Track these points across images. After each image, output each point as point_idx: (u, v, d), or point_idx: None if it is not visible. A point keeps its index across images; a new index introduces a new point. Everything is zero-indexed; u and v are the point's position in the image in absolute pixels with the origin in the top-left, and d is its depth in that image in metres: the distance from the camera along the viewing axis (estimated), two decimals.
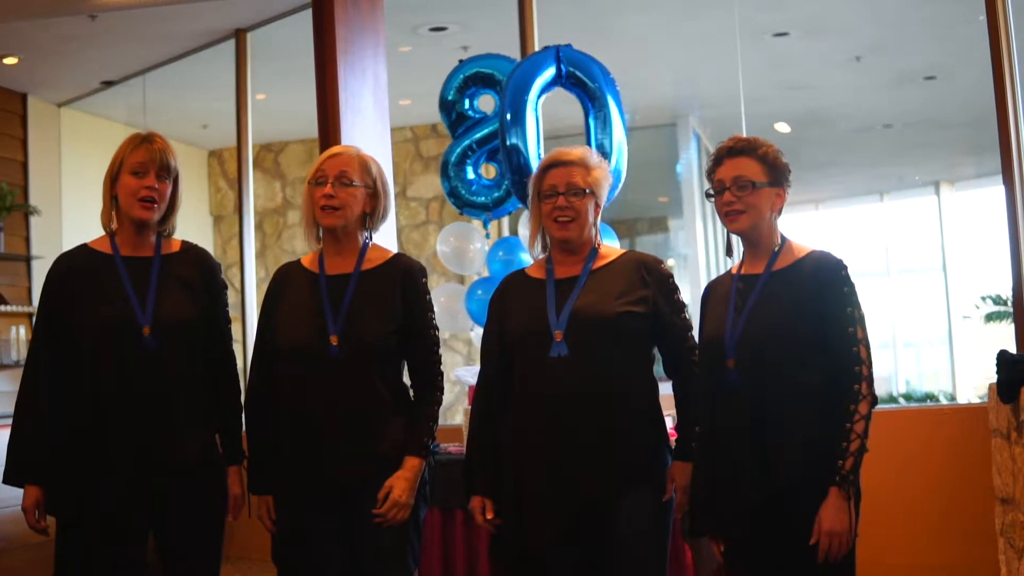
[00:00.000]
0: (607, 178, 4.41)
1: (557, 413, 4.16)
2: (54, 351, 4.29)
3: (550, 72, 6.82)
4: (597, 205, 4.37)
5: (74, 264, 4.37)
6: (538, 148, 6.68)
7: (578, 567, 4.21)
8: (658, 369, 4.39)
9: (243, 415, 4.59)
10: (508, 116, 6.69)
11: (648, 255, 4.42)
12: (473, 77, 7.35)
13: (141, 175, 4.31)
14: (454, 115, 7.41)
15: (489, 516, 4.34)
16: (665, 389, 4.37)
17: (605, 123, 6.77)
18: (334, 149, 4.51)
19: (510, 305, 4.43)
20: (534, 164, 6.27)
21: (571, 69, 6.79)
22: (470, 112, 7.40)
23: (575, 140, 6.10)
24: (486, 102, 7.52)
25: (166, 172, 4.37)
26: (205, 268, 4.55)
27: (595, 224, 4.39)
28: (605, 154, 6.64)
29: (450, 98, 7.38)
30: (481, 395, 4.48)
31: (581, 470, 4.13)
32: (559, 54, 6.81)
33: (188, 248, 4.56)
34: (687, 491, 4.22)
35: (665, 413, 4.34)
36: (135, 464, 4.20)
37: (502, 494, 4.30)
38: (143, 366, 4.25)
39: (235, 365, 4.66)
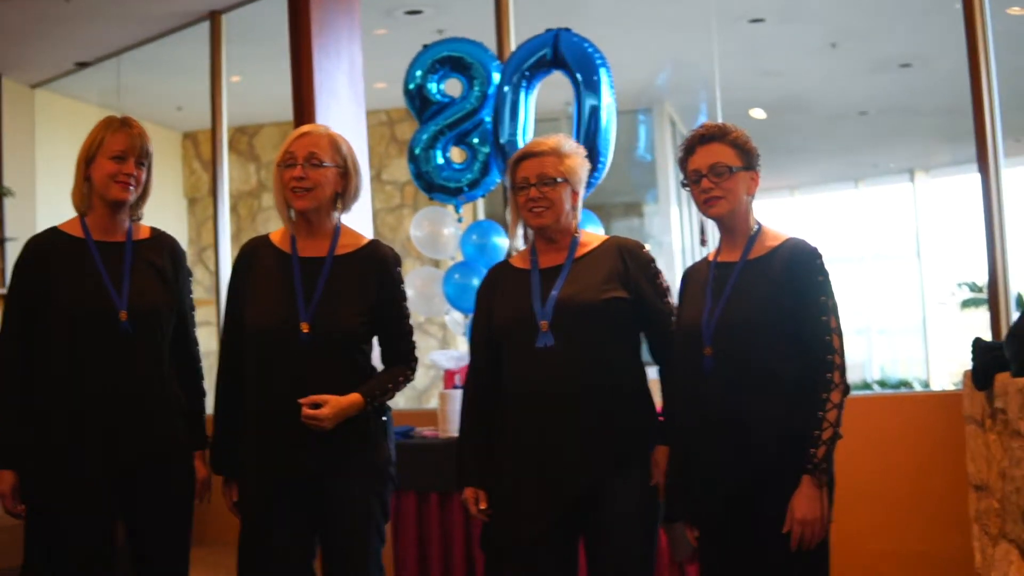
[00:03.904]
0: (583, 164, 4.39)
1: (545, 403, 4.17)
2: (26, 334, 4.26)
3: (544, 54, 6.92)
4: (574, 192, 4.35)
5: (47, 247, 4.34)
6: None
7: (569, 553, 4.26)
8: (645, 355, 4.40)
9: (206, 399, 4.62)
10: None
11: (630, 240, 4.43)
12: (442, 60, 7.36)
13: (121, 161, 4.29)
14: (419, 99, 7.42)
15: (482, 506, 4.34)
16: (652, 373, 4.38)
17: (593, 110, 6.81)
18: (302, 129, 4.44)
19: (496, 296, 4.42)
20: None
21: (563, 52, 6.85)
22: (437, 96, 7.41)
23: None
24: (453, 86, 7.53)
25: (145, 158, 4.38)
26: (175, 255, 4.54)
27: (574, 210, 4.38)
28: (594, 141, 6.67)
29: (416, 82, 7.40)
30: (471, 386, 4.48)
31: (570, 459, 4.15)
32: (557, 37, 6.88)
33: (158, 235, 4.55)
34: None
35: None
36: (107, 448, 4.20)
37: (493, 484, 4.31)
38: (119, 351, 4.25)
39: (198, 351, 4.66)
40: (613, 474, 4.16)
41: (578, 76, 6.77)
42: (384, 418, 4.40)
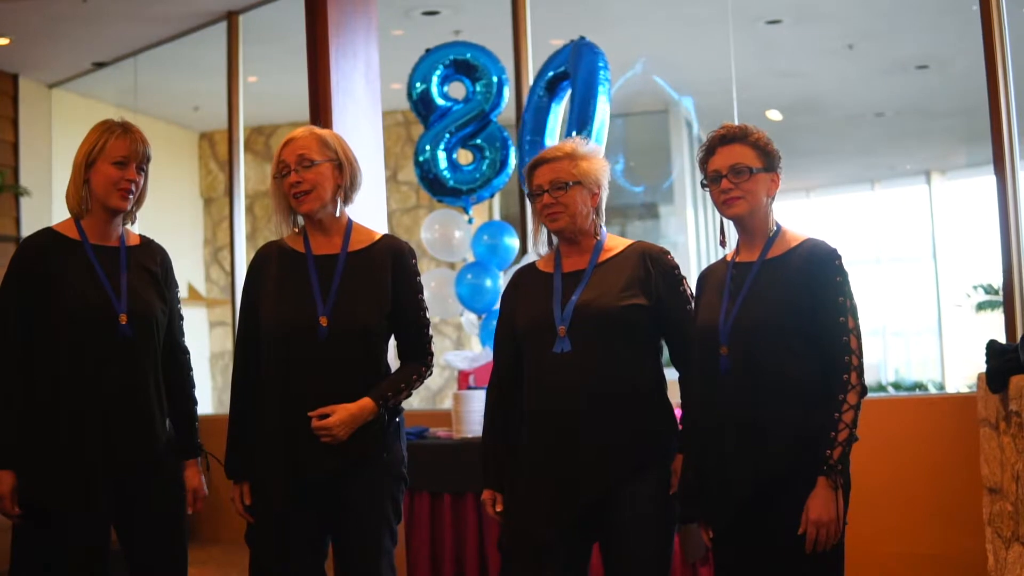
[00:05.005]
0: (601, 166, 4.37)
1: (562, 409, 4.17)
2: (24, 334, 4.24)
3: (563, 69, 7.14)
4: (594, 194, 4.34)
5: (43, 248, 4.33)
6: None
7: (582, 556, 4.27)
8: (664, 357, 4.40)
9: (197, 407, 4.61)
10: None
11: (654, 246, 4.40)
12: (446, 63, 7.42)
13: (123, 167, 4.30)
14: (423, 104, 7.48)
15: (499, 509, 4.35)
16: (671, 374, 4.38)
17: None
18: (287, 136, 4.47)
19: (520, 299, 4.43)
20: None
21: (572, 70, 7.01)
22: (440, 99, 7.45)
23: None
24: (456, 89, 7.57)
25: (145, 164, 4.38)
26: (165, 262, 4.56)
27: (595, 213, 4.37)
28: None
29: (419, 87, 7.45)
30: (493, 387, 4.49)
31: (585, 464, 4.14)
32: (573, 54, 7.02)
33: (147, 241, 4.57)
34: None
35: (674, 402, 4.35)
36: (106, 450, 4.21)
37: (513, 485, 4.32)
38: (119, 354, 4.26)
39: (190, 358, 4.66)
40: (629, 479, 4.15)
41: (575, 102, 6.87)
42: (397, 419, 4.41)
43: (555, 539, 4.17)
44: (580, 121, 6.78)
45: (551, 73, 7.16)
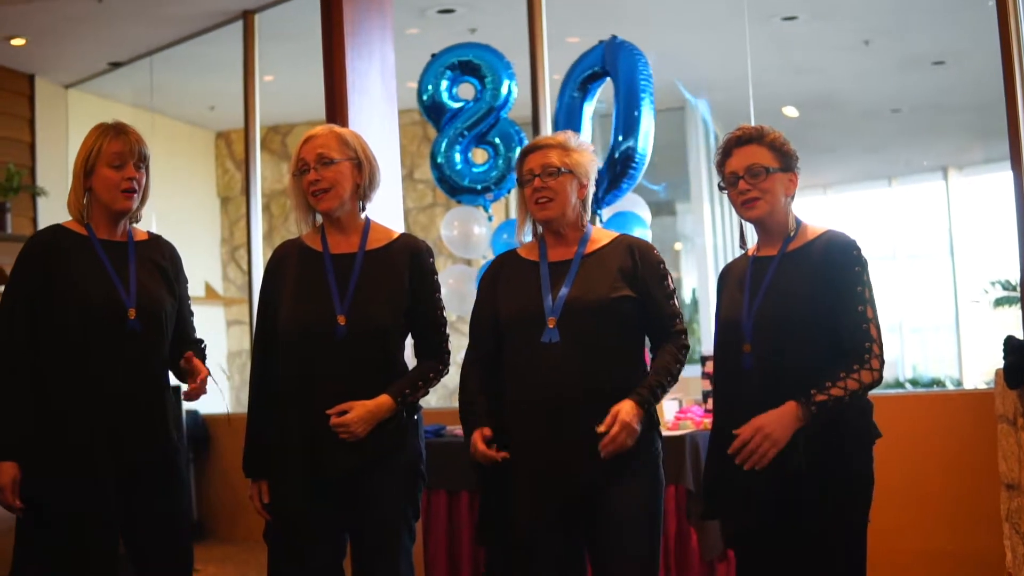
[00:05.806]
0: (591, 160, 4.41)
1: (548, 399, 4.17)
2: (32, 328, 4.23)
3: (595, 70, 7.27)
4: (582, 186, 4.37)
5: (52, 243, 4.32)
6: None
7: (569, 550, 4.25)
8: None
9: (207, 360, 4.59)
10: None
11: (641, 240, 4.44)
12: (451, 66, 7.47)
13: (120, 166, 4.30)
14: (434, 108, 7.53)
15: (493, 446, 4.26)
16: None
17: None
18: (307, 134, 4.48)
19: (503, 286, 4.43)
20: None
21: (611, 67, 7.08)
22: (451, 102, 7.49)
23: None
24: (467, 91, 7.60)
25: (143, 161, 4.38)
26: (174, 258, 4.57)
27: (583, 205, 4.40)
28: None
29: (429, 91, 7.50)
30: (472, 368, 4.45)
31: (573, 456, 4.14)
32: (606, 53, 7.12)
33: (155, 237, 4.57)
34: (629, 430, 4.09)
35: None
36: (113, 447, 4.20)
37: (494, 478, 4.29)
38: (126, 348, 4.25)
39: (204, 346, 4.65)
40: (615, 473, 4.14)
41: (619, 107, 6.91)
42: (415, 416, 4.41)
43: (541, 531, 4.18)
44: (625, 129, 6.84)
45: (584, 75, 7.20)
